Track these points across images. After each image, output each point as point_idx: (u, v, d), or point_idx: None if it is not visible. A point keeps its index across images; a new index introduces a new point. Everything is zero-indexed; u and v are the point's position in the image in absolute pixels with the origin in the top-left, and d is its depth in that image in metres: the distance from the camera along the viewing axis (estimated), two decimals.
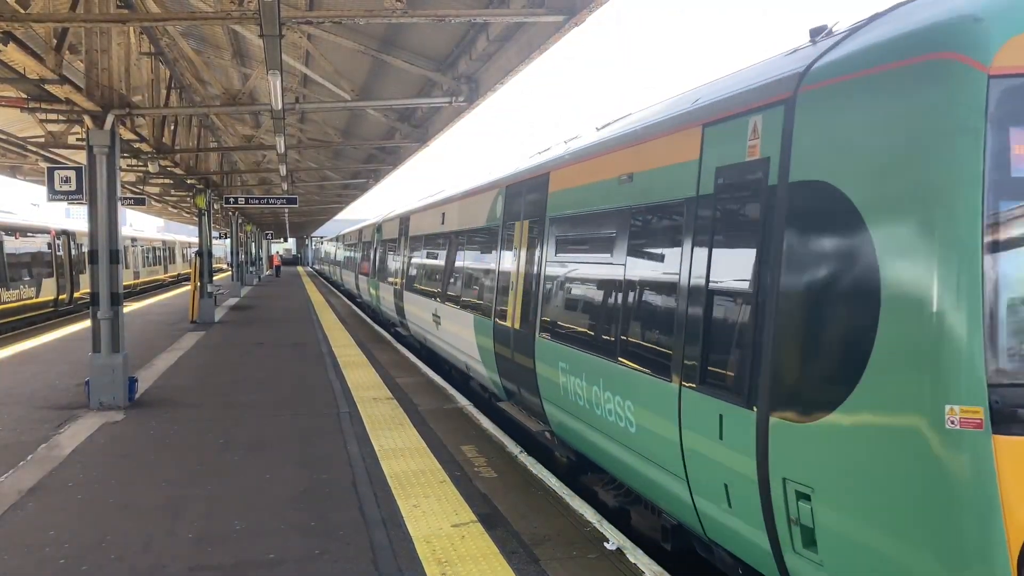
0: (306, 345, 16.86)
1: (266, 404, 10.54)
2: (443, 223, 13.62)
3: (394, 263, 18.89)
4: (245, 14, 7.98)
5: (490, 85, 11.10)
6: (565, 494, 6.69)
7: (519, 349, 8.53)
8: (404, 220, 18.13)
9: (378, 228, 22.97)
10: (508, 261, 9.29)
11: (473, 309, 10.69)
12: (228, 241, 37.40)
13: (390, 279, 19.21)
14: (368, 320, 23.18)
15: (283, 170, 20.29)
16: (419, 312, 15.01)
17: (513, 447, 8.25)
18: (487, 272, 10.24)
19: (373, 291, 23.34)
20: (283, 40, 8.15)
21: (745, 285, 4.42)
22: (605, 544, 5.57)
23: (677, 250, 5.23)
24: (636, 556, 5.35)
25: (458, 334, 11.60)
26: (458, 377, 13.27)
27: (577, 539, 5.70)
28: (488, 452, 8.09)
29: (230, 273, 36.98)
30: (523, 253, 8.74)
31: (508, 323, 8.94)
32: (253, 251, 53.25)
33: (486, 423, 9.39)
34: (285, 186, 24.68)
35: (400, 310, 17.46)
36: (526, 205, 8.87)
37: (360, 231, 29.62)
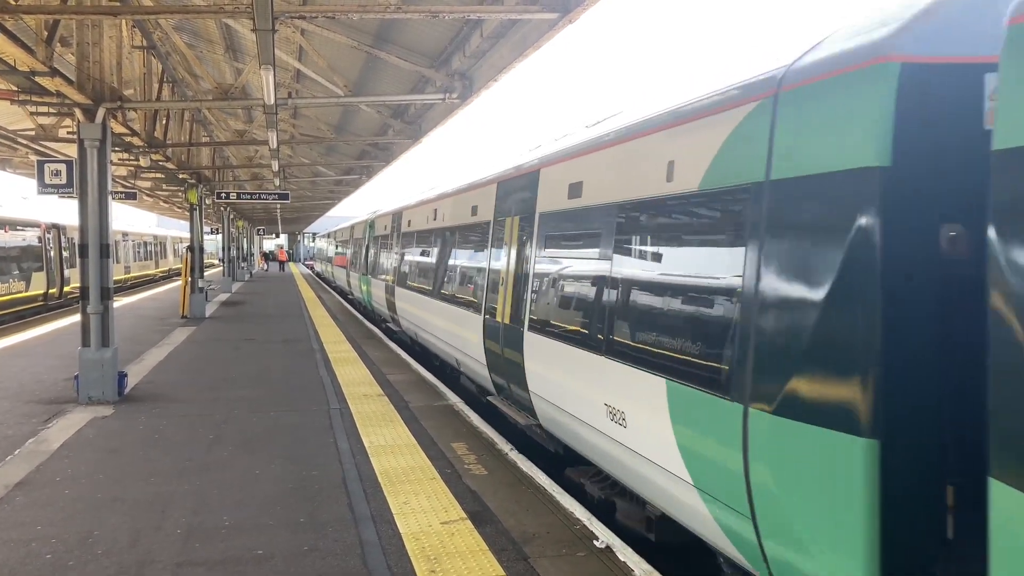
0: (297, 341, 16.82)
1: (256, 400, 10.51)
2: None
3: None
4: (238, 8, 7.94)
5: (484, 82, 11.08)
6: (555, 492, 6.69)
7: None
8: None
9: (500, 189, 9.84)
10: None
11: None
12: (219, 236, 37.19)
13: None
14: (359, 316, 23.12)
15: (275, 165, 20.20)
16: None
17: (503, 444, 8.25)
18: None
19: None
20: (276, 35, 8.12)
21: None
22: (594, 542, 5.58)
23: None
24: (625, 554, 5.35)
25: None
26: None
27: (566, 537, 5.71)
28: (478, 449, 8.09)
29: (221, 269, 36.78)
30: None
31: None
32: (244, 246, 53.04)
33: (476, 420, 9.39)
34: (277, 181, 24.60)
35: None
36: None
37: (455, 201, 12.42)
